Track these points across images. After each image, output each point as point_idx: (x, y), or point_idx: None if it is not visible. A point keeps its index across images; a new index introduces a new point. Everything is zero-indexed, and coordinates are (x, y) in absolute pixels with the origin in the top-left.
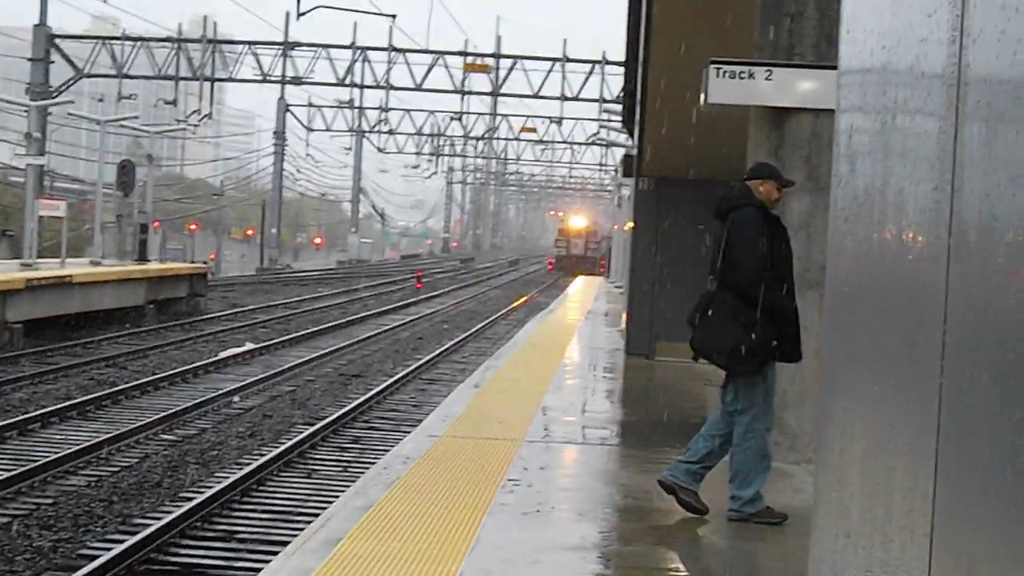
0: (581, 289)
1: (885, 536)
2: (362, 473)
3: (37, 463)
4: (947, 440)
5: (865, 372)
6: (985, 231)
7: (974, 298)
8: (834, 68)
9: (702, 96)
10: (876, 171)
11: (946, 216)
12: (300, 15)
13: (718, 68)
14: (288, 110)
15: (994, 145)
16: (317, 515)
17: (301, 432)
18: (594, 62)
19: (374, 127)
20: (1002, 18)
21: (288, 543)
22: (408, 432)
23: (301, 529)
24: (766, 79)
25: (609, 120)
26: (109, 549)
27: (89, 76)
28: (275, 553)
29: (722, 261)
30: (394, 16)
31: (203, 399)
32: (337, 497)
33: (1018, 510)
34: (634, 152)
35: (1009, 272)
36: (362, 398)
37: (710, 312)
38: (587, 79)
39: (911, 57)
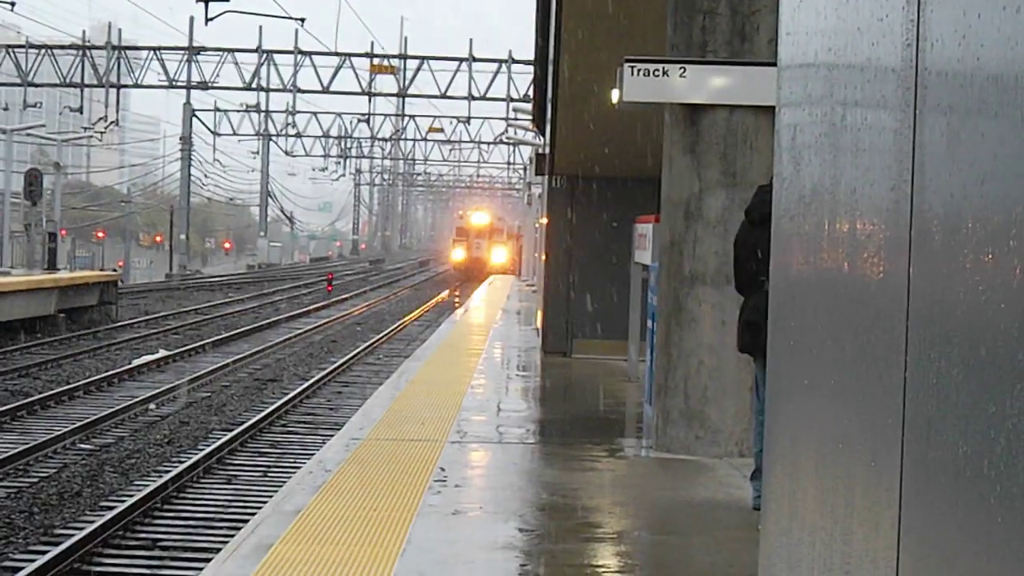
0: (492, 288)
1: (847, 529)
2: (283, 478)
3: None
4: (914, 433)
5: (816, 366)
6: (951, 230)
7: (941, 295)
8: (748, 64)
9: (617, 94)
10: (825, 170)
11: (906, 215)
12: (208, 20)
13: (632, 66)
14: (194, 115)
15: (957, 147)
16: (239, 521)
17: (219, 438)
18: (501, 61)
19: (281, 130)
20: (963, 24)
21: (211, 550)
22: (327, 436)
23: (224, 536)
24: (680, 76)
25: (517, 119)
26: (32, 560)
27: None
28: (199, 560)
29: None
30: (302, 20)
31: (119, 407)
32: (259, 503)
33: (995, 501)
34: (545, 150)
35: (978, 270)
36: (279, 402)
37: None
38: (494, 78)
39: (861, 59)
